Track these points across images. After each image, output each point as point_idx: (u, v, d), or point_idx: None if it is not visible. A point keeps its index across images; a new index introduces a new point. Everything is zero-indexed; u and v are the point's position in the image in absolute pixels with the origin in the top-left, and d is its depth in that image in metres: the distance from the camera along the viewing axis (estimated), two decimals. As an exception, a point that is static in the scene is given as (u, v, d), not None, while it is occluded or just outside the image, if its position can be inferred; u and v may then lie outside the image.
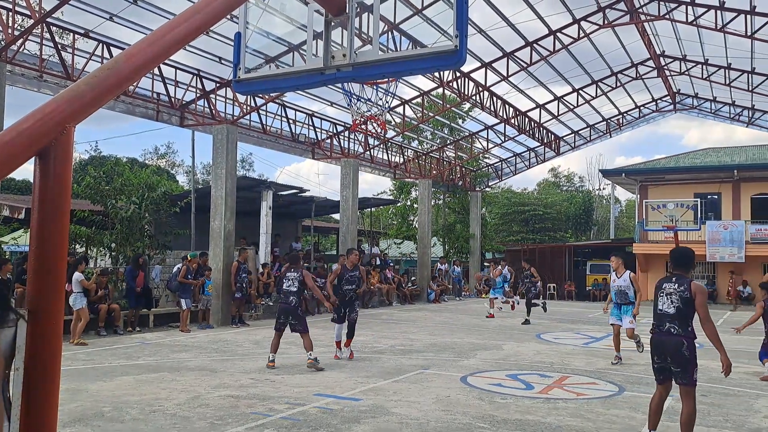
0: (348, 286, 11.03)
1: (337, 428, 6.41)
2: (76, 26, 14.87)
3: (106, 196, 16.84)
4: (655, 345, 5.70)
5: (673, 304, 5.60)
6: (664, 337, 5.60)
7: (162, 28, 3.03)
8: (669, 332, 5.57)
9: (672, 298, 5.62)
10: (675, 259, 5.91)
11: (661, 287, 5.74)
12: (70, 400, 7.30)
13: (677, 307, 5.58)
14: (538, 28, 20.07)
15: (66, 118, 2.45)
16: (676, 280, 5.70)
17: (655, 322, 5.70)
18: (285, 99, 20.41)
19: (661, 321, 5.65)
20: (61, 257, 2.47)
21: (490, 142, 29.26)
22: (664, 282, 5.76)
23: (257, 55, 4.54)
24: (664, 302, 5.65)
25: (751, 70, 22.81)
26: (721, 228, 27.75)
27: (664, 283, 5.74)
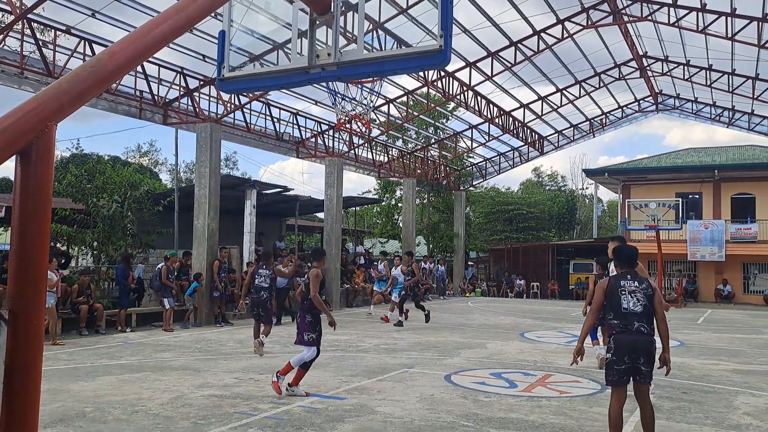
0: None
1: (321, 427, 6.40)
2: (58, 23, 14.70)
3: (88, 195, 16.67)
4: (626, 345, 5.44)
5: (639, 302, 5.49)
6: (635, 336, 5.43)
7: (145, 25, 3.01)
8: (639, 331, 5.43)
9: (637, 296, 5.50)
10: (627, 258, 5.80)
11: (620, 286, 5.56)
12: (51, 401, 7.23)
13: (644, 305, 5.48)
14: (522, 28, 20.17)
15: (47, 116, 2.43)
16: (633, 278, 5.60)
17: (619, 321, 5.49)
18: (269, 97, 20.33)
19: (627, 320, 5.46)
20: (42, 257, 2.45)
21: (475, 141, 29.36)
22: (621, 280, 5.61)
23: (241, 53, 4.53)
24: (630, 300, 5.49)
25: (732, 71, 23.09)
26: (701, 227, 28.09)
27: (622, 281, 5.59)
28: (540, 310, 23.04)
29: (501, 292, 32.87)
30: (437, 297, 28.96)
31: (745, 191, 30.14)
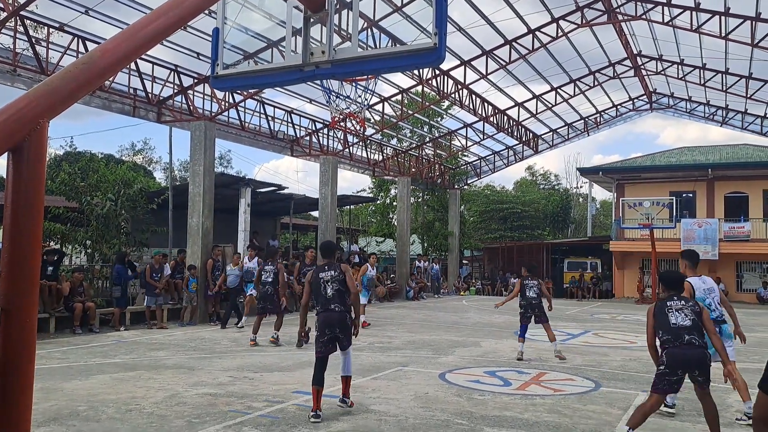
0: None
1: (315, 426, 6.40)
2: (51, 19, 14.64)
3: (81, 193, 16.61)
4: (678, 359, 5.67)
5: (687, 317, 5.73)
6: (687, 349, 5.66)
7: (139, 22, 3.00)
8: (691, 343, 5.65)
9: (685, 312, 5.76)
10: (673, 282, 6.12)
11: (666, 306, 5.83)
12: (44, 399, 7.20)
13: (692, 319, 5.73)
14: (517, 27, 20.19)
15: (40, 113, 2.42)
16: (679, 299, 5.90)
17: (670, 336, 5.72)
18: (264, 95, 20.30)
19: (677, 335, 5.69)
20: (34, 255, 2.44)
21: (469, 140, 29.38)
22: (667, 302, 5.88)
23: (236, 51, 4.51)
24: (677, 317, 5.75)
25: (725, 70, 23.17)
26: (695, 226, 28.18)
27: (668, 302, 5.86)
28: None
29: (495, 290, 32.91)
30: (432, 295, 28.99)
31: (738, 190, 30.26)
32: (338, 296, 6.99)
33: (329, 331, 6.94)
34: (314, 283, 7.10)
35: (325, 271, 7.12)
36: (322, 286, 7.05)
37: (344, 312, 6.99)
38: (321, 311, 7.04)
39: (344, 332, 6.98)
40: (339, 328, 6.95)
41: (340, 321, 6.96)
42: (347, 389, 7.10)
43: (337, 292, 6.99)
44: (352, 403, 7.14)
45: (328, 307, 6.99)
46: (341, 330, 6.96)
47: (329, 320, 6.95)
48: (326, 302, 7.01)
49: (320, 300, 7.04)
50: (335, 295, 7.00)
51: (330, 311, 6.97)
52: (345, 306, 7.01)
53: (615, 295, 31.02)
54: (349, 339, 7.04)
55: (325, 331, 6.95)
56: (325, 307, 7.01)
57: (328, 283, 7.02)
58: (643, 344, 13.31)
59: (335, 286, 7.02)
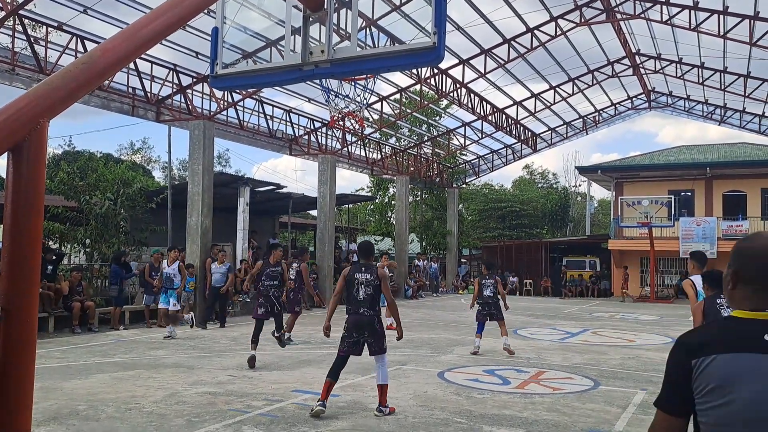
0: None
1: (315, 424, 6.40)
2: (50, 19, 14.62)
3: (80, 192, 16.61)
4: None
5: None
6: None
7: (138, 22, 3.00)
8: None
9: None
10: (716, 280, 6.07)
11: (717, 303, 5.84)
12: (44, 399, 7.20)
13: None
14: (515, 26, 20.19)
15: (40, 113, 2.42)
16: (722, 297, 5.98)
17: None
18: (262, 95, 20.28)
19: None
20: (34, 254, 2.44)
21: (468, 138, 29.37)
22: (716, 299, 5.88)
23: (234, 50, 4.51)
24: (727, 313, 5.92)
25: (724, 69, 23.17)
26: (694, 224, 28.19)
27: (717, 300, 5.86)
28: (533, 307, 23.10)
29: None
30: (430, 294, 29.00)
31: (736, 188, 30.29)
32: (369, 300, 6.92)
33: (357, 334, 6.91)
34: (349, 281, 7.02)
35: (362, 272, 7.02)
36: (355, 287, 6.98)
37: (374, 317, 6.92)
38: (351, 313, 7.00)
39: (374, 337, 6.90)
40: (368, 332, 6.90)
41: (369, 325, 6.91)
42: (383, 398, 6.91)
43: (369, 296, 6.92)
44: (392, 408, 6.91)
45: (357, 310, 6.94)
46: (370, 334, 6.90)
47: (358, 324, 6.92)
48: (357, 304, 6.95)
49: (351, 301, 7.00)
50: (366, 299, 6.92)
51: (359, 315, 6.92)
52: (375, 311, 6.95)
53: (614, 294, 31.05)
54: (380, 344, 6.94)
55: (353, 333, 6.92)
56: (355, 309, 6.96)
57: (362, 286, 6.95)
58: (641, 343, 13.36)
59: (368, 290, 6.93)
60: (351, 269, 7.16)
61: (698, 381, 1.76)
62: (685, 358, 1.79)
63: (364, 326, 6.89)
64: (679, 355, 1.83)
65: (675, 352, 1.85)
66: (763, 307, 1.81)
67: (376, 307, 6.97)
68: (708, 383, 1.74)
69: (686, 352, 1.81)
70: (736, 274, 1.88)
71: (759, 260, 1.84)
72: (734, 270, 1.89)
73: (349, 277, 7.03)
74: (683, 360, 1.80)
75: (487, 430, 6.32)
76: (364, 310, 6.90)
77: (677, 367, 1.81)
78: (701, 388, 1.75)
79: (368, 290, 6.93)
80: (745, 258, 1.87)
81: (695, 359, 1.77)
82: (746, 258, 1.87)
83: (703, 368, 1.75)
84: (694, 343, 1.81)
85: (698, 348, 1.79)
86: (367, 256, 7.25)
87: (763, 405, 1.69)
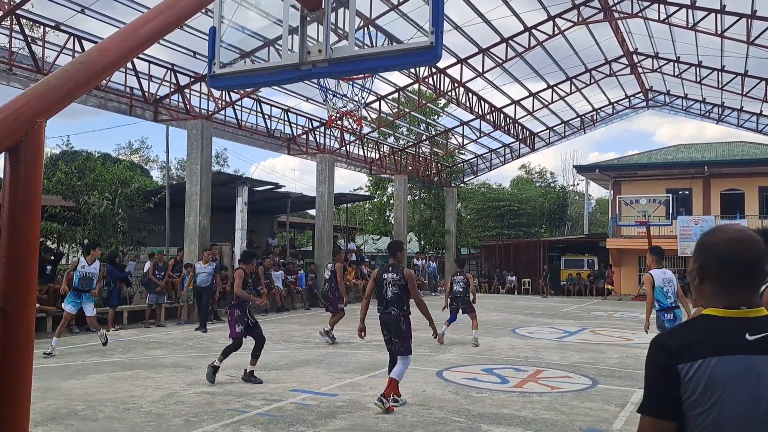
0: None
1: (313, 424, 6.41)
2: (47, 18, 14.61)
3: (78, 192, 16.58)
4: None
5: None
6: None
7: (135, 22, 3.00)
8: None
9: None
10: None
11: None
12: (42, 399, 7.20)
13: None
14: (513, 25, 20.20)
15: (37, 113, 2.42)
16: None
17: None
18: (260, 94, 20.28)
19: None
20: (32, 254, 2.44)
21: (466, 138, 29.38)
22: None
23: (232, 50, 4.51)
24: None
25: (721, 68, 23.19)
26: (692, 223, 28.21)
27: None
28: (531, 306, 23.11)
29: (492, 288, 32.94)
30: (429, 293, 28.99)
31: (734, 187, 30.32)
32: (396, 300, 7.10)
33: (386, 332, 7.23)
34: (378, 282, 7.26)
35: (389, 272, 7.24)
36: (383, 287, 7.20)
37: (399, 316, 7.08)
38: (381, 311, 7.26)
39: (397, 336, 7.09)
40: (393, 331, 7.12)
41: (394, 324, 7.11)
42: (389, 390, 7.01)
43: (395, 296, 7.11)
44: (390, 408, 6.95)
45: (386, 309, 7.18)
46: (394, 334, 7.12)
47: (385, 322, 7.20)
48: (386, 304, 7.19)
49: (380, 300, 7.27)
50: (393, 298, 7.12)
51: (387, 314, 7.17)
52: (402, 310, 7.11)
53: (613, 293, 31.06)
54: (403, 344, 7.11)
55: (384, 332, 7.27)
56: (384, 308, 7.21)
57: (389, 286, 7.15)
58: (639, 341, 13.37)
59: (395, 290, 7.13)
60: (379, 270, 7.41)
61: (686, 386, 1.71)
62: (670, 363, 1.73)
63: (390, 325, 7.14)
64: (661, 359, 1.76)
65: (655, 355, 1.79)
66: (736, 304, 1.78)
67: (403, 306, 7.13)
68: (697, 389, 1.70)
69: (669, 356, 1.75)
70: (701, 269, 1.85)
71: (722, 254, 1.81)
72: (699, 265, 1.86)
73: (378, 278, 7.29)
74: (668, 365, 1.74)
75: (485, 429, 6.32)
76: (392, 309, 7.12)
77: (662, 372, 1.75)
78: (690, 393, 1.71)
79: (394, 290, 7.13)
80: (709, 252, 1.84)
81: (681, 364, 1.72)
82: (710, 252, 1.84)
83: (691, 374, 1.70)
84: (676, 347, 1.75)
85: (682, 351, 1.73)
86: (393, 256, 7.44)
87: (754, 408, 1.67)
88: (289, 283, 20.13)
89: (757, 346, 1.71)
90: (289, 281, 20.16)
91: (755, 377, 1.68)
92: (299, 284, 20.77)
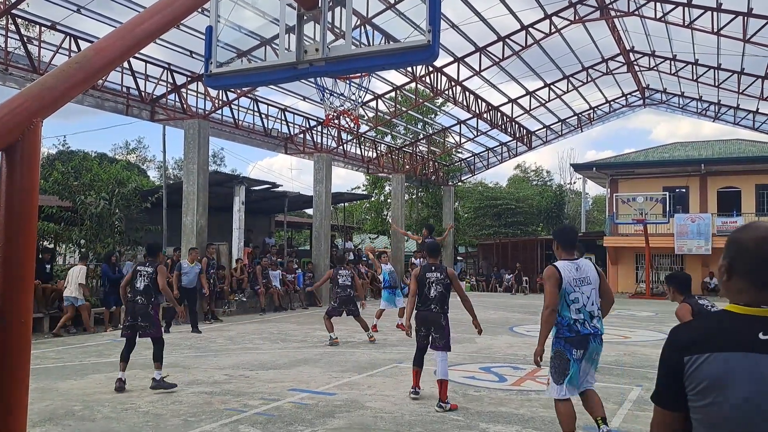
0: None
1: (311, 423, 6.40)
2: (43, 18, 14.57)
3: (75, 192, 16.55)
4: None
5: None
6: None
7: (132, 21, 2.99)
8: None
9: None
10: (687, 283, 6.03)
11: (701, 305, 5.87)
12: (39, 399, 7.19)
13: None
14: (510, 24, 20.21)
15: (34, 112, 2.41)
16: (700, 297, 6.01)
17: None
18: (257, 93, 20.26)
19: None
20: (29, 255, 2.43)
21: (463, 136, 29.39)
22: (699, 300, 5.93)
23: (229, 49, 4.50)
24: None
25: (717, 66, 23.24)
26: (688, 221, 28.28)
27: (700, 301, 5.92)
28: (529, 304, 23.12)
29: (490, 286, 32.97)
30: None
31: (731, 185, 30.38)
32: (439, 298, 7.30)
33: (425, 329, 7.36)
34: (420, 281, 7.37)
35: (432, 271, 7.41)
36: (427, 285, 7.33)
37: (440, 313, 7.28)
38: (420, 308, 7.38)
39: (438, 332, 7.25)
40: (434, 327, 7.27)
41: (436, 321, 7.26)
42: (444, 393, 7.03)
43: (440, 294, 7.30)
44: (453, 405, 7.00)
45: (427, 306, 7.31)
46: (435, 329, 7.27)
47: (425, 319, 7.33)
48: (427, 301, 7.32)
49: (421, 298, 7.37)
50: (437, 296, 7.29)
51: (428, 311, 7.29)
52: (443, 308, 7.32)
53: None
54: (444, 340, 7.24)
55: (422, 328, 7.40)
56: (425, 306, 7.33)
57: (433, 284, 7.32)
58: (637, 339, 13.39)
59: (439, 288, 7.32)
60: (422, 269, 7.53)
61: (690, 379, 1.73)
62: (678, 355, 1.77)
63: (431, 322, 7.28)
64: (671, 350, 1.80)
65: (667, 347, 1.83)
66: (757, 302, 1.77)
67: (445, 304, 7.34)
68: (700, 382, 1.71)
69: (679, 348, 1.78)
70: (730, 265, 1.85)
71: (752, 252, 1.80)
72: (728, 261, 1.86)
73: (420, 277, 7.41)
74: (675, 356, 1.77)
75: (483, 428, 6.32)
76: (434, 307, 7.28)
77: (670, 363, 1.79)
78: (693, 386, 1.73)
79: (439, 288, 7.32)
80: (739, 249, 1.84)
81: (688, 356, 1.74)
82: (740, 249, 1.84)
83: (695, 366, 1.72)
84: (686, 339, 1.78)
85: (691, 344, 1.76)
86: (435, 256, 7.68)
87: (756, 406, 1.67)
88: (288, 282, 20.12)
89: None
90: (288, 280, 20.15)
91: (760, 376, 1.68)
92: (297, 283, 20.76)
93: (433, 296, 7.28)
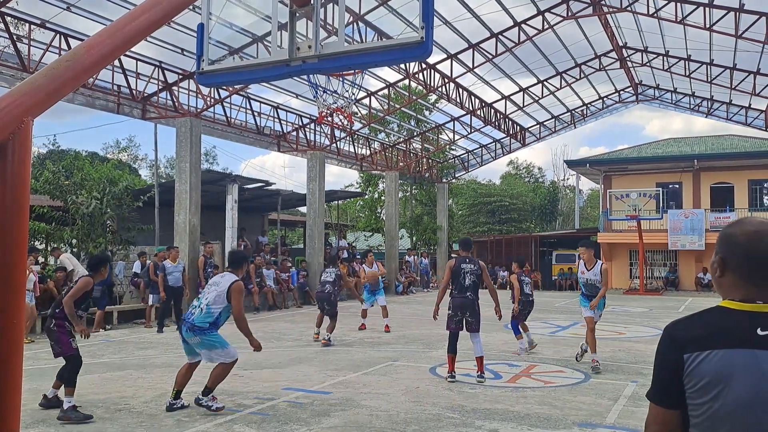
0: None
1: (306, 422, 6.38)
2: (32, 16, 14.47)
3: (66, 191, 16.45)
4: None
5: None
6: None
7: (122, 18, 2.96)
8: None
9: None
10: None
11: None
12: (33, 401, 7.14)
13: None
14: (503, 20, 20.20)
15: (24, 111, 2.38)
16: None
17: None
18: (249, 91, 20.19)
19: None
20: (20, 255, 2.40)
21: (457, 133, 29.39)
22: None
23: (221, 46, 4.47)
24: None
25: (710, 61, 23.30)
26: (682, 217, 28.38)
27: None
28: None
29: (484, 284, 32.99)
30: (421, 290, 29.02)
31: (724, 180, 30.49)
32: (473, 286, 8.46)
33: (461, 313, 8.38)
34: (455, 271, 8.42)
35: (466, 263, 8.52)
36: (461, 275, 8.40)
37: (474, 300, 8.44)
38: (456, 296, 8.43)
39: (473, 316, 8.40)
40: (469, 312, 8.38)
41: (471, 307, 8.40)
42: (482, 367, 8.42)
43: (473, 283, 8.45)
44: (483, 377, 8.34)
45: (464, 294, 8.39)
46: (471, 314, 8.39)
47: (462, 305, 8.38)
48: (463, 289, 8.40)
49: (457, 286, 8.43)
50: (471, 285, 8.44)
51: (464, 297, 8.39)
52: (476, 295, 8.48)
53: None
54: (477, 323, 8.44)
55: (458, 313, 8.39)
56: (461, 293, 8.40)
57: (468, 274, 8.43)
58: (631, 335, 13.44)
59: (473, 278, 8.46)
60: (456, 261, 8.57)
61: (690, 376, 1.72)
62: (677, 352, 1.75)
63: (467, 307, 8.37)
64: (669, 348, 1.78)
65: (664, 344, 1.80)
66: (752, 297, 1.76)
67: (477, 292, 8.49)
68: (700, 379, 1.70)
69: (677, 345, 1.76)
70: (722, 260, 1.84)
71: (744, 247, 1.79)
72: (721, 256, 1.85)
73: (456, 268, 8.46)
74: (674, 354, 1.75)
75: (479, 425, 6.32)
76: (469, 294, 8.41)
77: (668, 361, 1.77)
78: (693, 383, 1.71)
79: (472, 278, 8.46)
80: (732, 244, 1.83)
81: (687, 354, 1.72)
82: (732, 244, 1.83)
83: (695, 364, 1.71)
84: (684, 337, 1.76)
85: (690, 342, 1.74)
86: (467, 249, 8.90)
87: (756, 402, 1.66)
88: (282, 281, 20.08)
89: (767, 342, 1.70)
90: (282, 279, 20.11)
91: (760, 373, 1.67)
92: (291, 282, 20.72)
93: (468, 285, 8.36)
